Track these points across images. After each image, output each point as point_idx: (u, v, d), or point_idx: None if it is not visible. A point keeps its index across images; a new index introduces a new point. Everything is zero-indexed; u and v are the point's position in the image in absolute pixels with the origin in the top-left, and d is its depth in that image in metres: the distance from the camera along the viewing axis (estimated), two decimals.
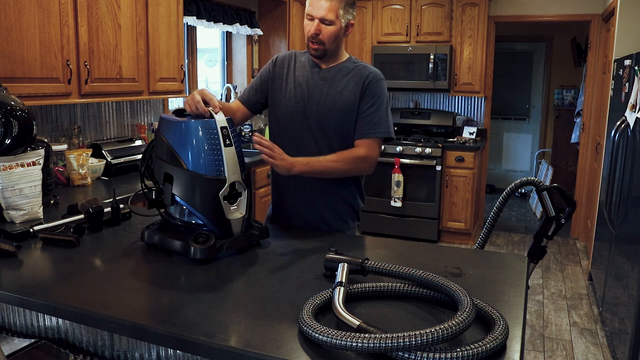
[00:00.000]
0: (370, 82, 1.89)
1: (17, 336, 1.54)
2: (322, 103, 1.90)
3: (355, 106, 1.89)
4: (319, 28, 1.83)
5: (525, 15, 5.15)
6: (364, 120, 1.89)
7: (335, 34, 1.85)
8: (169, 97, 3.60)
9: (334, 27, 1.84)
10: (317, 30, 1.83)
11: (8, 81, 2.19)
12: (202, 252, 1.48)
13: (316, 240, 1.78)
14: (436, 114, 5.44)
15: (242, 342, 1.06)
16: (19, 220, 1.84)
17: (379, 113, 1.89)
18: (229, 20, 4.38)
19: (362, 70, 1.92)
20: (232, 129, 1.60)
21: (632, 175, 2.85)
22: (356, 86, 1.89)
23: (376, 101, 1.89)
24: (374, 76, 1.91)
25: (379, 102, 1.89)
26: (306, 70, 1.95)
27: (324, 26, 1.83)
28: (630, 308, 2.63)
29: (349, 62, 1.95)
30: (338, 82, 1.91)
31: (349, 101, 1.88)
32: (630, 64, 3.06)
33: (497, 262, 1.59)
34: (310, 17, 1.84)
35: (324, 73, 1.93)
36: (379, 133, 1.90)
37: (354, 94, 1.88)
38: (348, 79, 1.91)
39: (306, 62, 1.97)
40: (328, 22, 1.82)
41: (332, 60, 1.94)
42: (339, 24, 1.85)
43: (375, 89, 1.89)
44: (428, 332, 0.94)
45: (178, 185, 1.54)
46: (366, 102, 1.88)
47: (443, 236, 5.08)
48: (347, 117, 1.89)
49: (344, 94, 1.89)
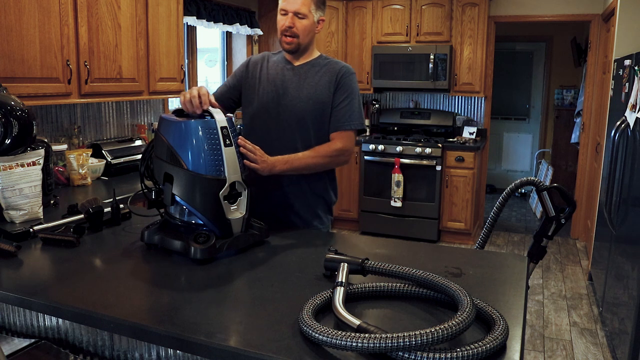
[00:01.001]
0: (343, 77, 1.97)
1: (17, 336, 1.54)
2: (297, 97, 1.97)
3: (330, 100, 1.97)
4: (293, 21, 1.92)
5: (525, 15, 5.15)
6: (339, 114, 1.97)
7: (309, 27, 1.94)
8: (169, 97, 3.60)
9: (307, 20, 1.93)
10: (291, 24, 1.92)
11: (8, 81, 2.19)
12: (202, 252, 1.48)
13: (316, 240, 1.78)
14: (436, 114, 5.44)
15: (242, 342, 1.06)
16: (19, 220, 1.84)
17: (352, 106, 1.97)
18: (229, 20, 4.38)
19: (334, 65, 2.00)
20: (232, 129, 1.60)
21: (632, 175, 2.85)
22: (329, 80, 1.97)
23: (349, 95, 1.97)
24: (346, 70, 1.99)
25: (351, 95, 1.97)
26: (279, 68, 2.03)
27: (298, 19, 1.92)
28: (630, 308, 2.63)
29: (321, 59, 2.04)
30: (311, 77, 1.99)
31: (324, 95, 1.96)
32: (630, 64, 3.06)
33: (497, 262, 1.59)
34: (284, 11, 1.93)
35: (297, 69, 2.01)
36: (354, 125, 1.97)
37: (328, 88, 1.97)
38: (321, 74, 1.98)
39: (279, 61, 2.05)
40: (302, 15, 1.91)
41: (305, 57, 2.02)
42: (312, 18, 1.94)
43: (347, 82, 1.98)
44: (428, 332, 0.94)
45: (178, 185, 1.54)
46: (339, 96, 1.96)
47: (443, 236, 5.08)
48: (323, 110, 1.97)
49: (318, 88, 1.97)
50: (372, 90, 5.37)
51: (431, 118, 5.43)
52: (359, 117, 1.99)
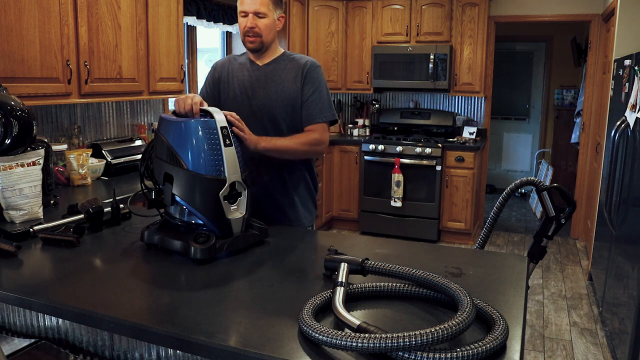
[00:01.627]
0: (309, 70, 2.00)
1: (17, 336, 1.54)
2: (266, 97, 1.99)
3: (298, 94, 1.99)
4: (255, 21, 1.94)
5: (525, 15, 5.15)
6: (310, 107, 1.99)
7: (270, 25, 1.97)
8: (169, 97, 3.60)
9: (267, 19, 1.96)
10: (253, 24, 1.94)
11: (8, 81, 2.19)
12: (202, 252, 1.48)
13: (316, 240, 1.78)
14: (436, 114, 5.44)
15: (242, 342, 1.06)
16: (19, 220, 1.84)
17: (322, 99, 2.00)
18: (229, 20, 4.38)
19: (298, 60, 2.03)
20: (231, 129, 1.61)
21: (632, 175, 2.85)
22: (296, 75, 1.99)
23: (317, 88, 2.00)
24: (311, 64, 2.02)
25: (319, 88, 2.00)
26: (245, 69, 2.06)
27: (259, 19, 1.95)
28: (630, 308, 2.63)
29: (285, 56, 2.06)
30: (278, 74, 2.01)
31: (292, 90, 1.99)
32: (630, 64, 3.06)
33: (497, 262, 1.58)
34: (244, 13, 1.95)
35: (263, 69, 2.04)
36: (326, 117, 2.00)
37: (295, 83, 1.99)
38: (287, 70, 2.01)
39: (245, 62, 2.08)
40: (262, 14, 1.94)
41: (269, 56, 2.05)
42: (272, 16, 1.97)
43: (314, 75, 2.00)
44: (428, 332, 0.94)
45: (178, 185, 1.54)
46: (308, 89, 1.99)
47: (443, 236, 5.08)
48: (292, 106, 1.99)
49: (285, 84, 1.99)
50: (372, 90, 5.37)
51: (431, 118, 5.43)
52: (330, 109, 2.01)
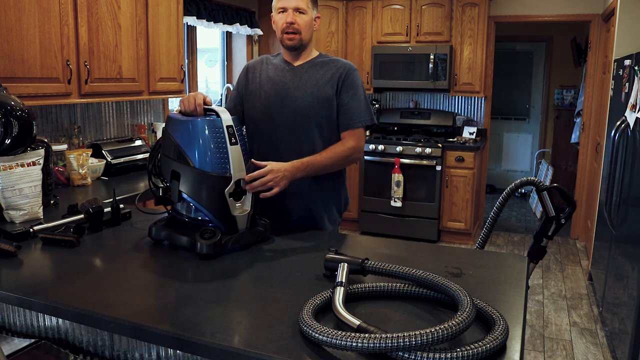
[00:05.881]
0: (347, 74, 1.96)
1: (17, 336, 1.54)
2: (300, 97, 1.95)
3: (333, 98, 1.95)
4: (294, 17, 1.90)
5: (525, 15, 5.15)
6: (347, 112, 1.95)
7: (309, 23, 1.94)
8: (169, 97, 3.60)
9: (307, 16, 1.93)
10: (293, 19, 1.90)
11: (8, 81, 2.19)
12: (208, 247, 1.51)
13: (316, 240, 1.78)
14: (436, 114, 5.44)
15: (242, 342, 1.06)
16: (19, 220, 1.84)
17: (360, 103, 1.96)
18: (229, 20, 4.38)
19: (335, 63, 1.99)
20: (237, 128, 1.63)
21: (632, 175, 2.85)
22: (332, 78, 1.95)
23: (355, 92, 1.95)
24: (349, 67, 1.98)
25: (357, 92, 1.96)
26: (279, 69, 2.01)
27: (299, 15, 1.91)
28: (630, 308, 2.63)
29: (321, 57, 2.03)
30: (313, 75, 1.97)
31: (327, 92, 1.94)
32: (630, 64, 3.06)
33: (497, 262, 1.58)
34: (282, 9, 1.91)
35: (298, 69, 1.99)
36: (363, 122, 1.96)
37: (331, 86, 1.95)
38: (323, 72, 1.97)
39: (279, 63, 2.03)
40: (302, 10, 1.91)
41: (304, 57, 2.01)
42: (310, 14, 1.94)
43: (352, 79, 1.96)
44: (428, 332, 0.94)
45: (185, 182, 1.57)
46: (345, 93, 1.95)
47: (443, 236, 5.08)
48: (326, 108, 1.95)
49: (321, 85, 1.95)
50: (372, 90, 5.36)
51: (431, 118, 5.43)
52: (368, 113, 1.97)
